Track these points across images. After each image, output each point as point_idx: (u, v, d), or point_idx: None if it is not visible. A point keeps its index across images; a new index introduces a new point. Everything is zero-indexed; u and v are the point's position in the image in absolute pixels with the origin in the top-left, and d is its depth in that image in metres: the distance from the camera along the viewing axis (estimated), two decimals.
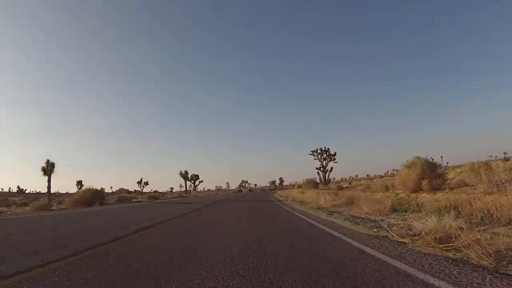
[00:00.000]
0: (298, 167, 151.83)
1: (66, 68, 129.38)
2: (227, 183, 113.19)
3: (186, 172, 49.60)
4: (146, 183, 72.74)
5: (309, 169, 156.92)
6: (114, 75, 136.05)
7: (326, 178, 40.27)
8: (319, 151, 41.50)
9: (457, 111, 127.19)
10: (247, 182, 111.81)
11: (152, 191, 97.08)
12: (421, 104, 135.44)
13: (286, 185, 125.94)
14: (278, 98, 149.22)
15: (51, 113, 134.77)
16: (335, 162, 41.12)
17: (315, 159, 42.12)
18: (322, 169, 40.82)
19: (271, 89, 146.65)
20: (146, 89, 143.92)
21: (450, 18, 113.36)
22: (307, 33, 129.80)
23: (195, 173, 56.86)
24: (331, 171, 40.35)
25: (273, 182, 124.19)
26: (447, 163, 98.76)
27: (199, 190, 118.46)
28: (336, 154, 41.21)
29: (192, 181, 57.69)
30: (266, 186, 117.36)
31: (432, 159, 10.74)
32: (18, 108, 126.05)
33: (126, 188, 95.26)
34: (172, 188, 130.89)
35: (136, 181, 72.45)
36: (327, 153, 41.02)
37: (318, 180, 42.30)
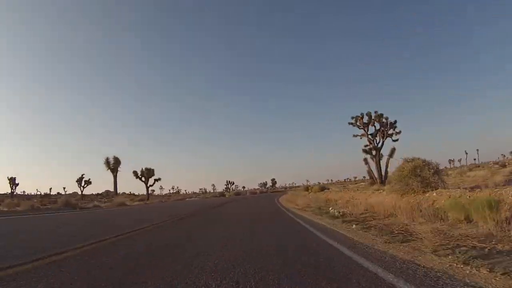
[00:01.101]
0: (296, 168, 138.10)
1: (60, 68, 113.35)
2: (213, 185, 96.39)
3: (117, 160, 27.22)
4: (88, 182, 51.40)
5: (308, 170, 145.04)
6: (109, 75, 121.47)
7: (383, 171, 20.53)
8: (365, 120, 21.72)
9: (457, 111, 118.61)
10: (233, 183, 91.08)
11: (133, 193, 75.77)
12: (421, 104, 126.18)
13: (277, 187, 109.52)
14: (273, 98, 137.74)
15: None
16: (395, 140, 21.48)
17: (355, 135, 22.39)
18: (373, 151, 21.04)
19: (266, 89, 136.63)
20: (140, 91, 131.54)
21: (450, 18, 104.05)
22: (306, 33, 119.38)
23: (148, 167, 35.75)
24: (391, 155, 20.62)
25: (264, 184, 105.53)
26: (474, 159, 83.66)
27: (168, 192, 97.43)
28: (397, 123, 21.58)
29: (143, 179, 36.48)
30: (256, 188, 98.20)
31: None
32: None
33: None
34: (154, 191, 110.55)
35: (76, 179, 51.00)
36: (383, 123, 21.31)
37: (368, 175, 22.58)
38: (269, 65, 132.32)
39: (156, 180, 37.19)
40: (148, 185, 36.87)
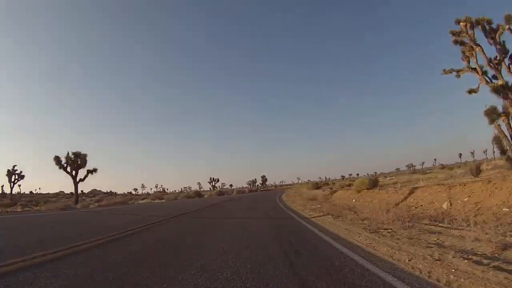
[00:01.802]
0: (286, 167, 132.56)
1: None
2: (199, 183, 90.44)
3: None
4: (21, 176, 38.63)
5: (298, 169, 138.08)
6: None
7: None
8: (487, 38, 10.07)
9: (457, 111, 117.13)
10: (217, 180, 78.31)
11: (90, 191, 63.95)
12: (421, 104, 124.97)
13: (267, 185, 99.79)
14: (273, 98, 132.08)
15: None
16: None
17: (448, 71, 10.78)
18: (509, 93, 9.46)
19: (266, 89, 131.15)
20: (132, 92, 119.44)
21: (450, 19, 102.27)
22: (306, 33, 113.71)
23: (75, 151, 22.98)
24: None
25: (253, 182, 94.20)
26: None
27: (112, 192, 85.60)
28: None
29: (69, 170, 23.67)
30: (244, 187, 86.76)
31: None
32: None
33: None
34: (137, 189, 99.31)
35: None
36: None
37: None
38: (269, 65, 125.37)
39: (90, 171, 24.29)
40: (77, 179, 23.92)
